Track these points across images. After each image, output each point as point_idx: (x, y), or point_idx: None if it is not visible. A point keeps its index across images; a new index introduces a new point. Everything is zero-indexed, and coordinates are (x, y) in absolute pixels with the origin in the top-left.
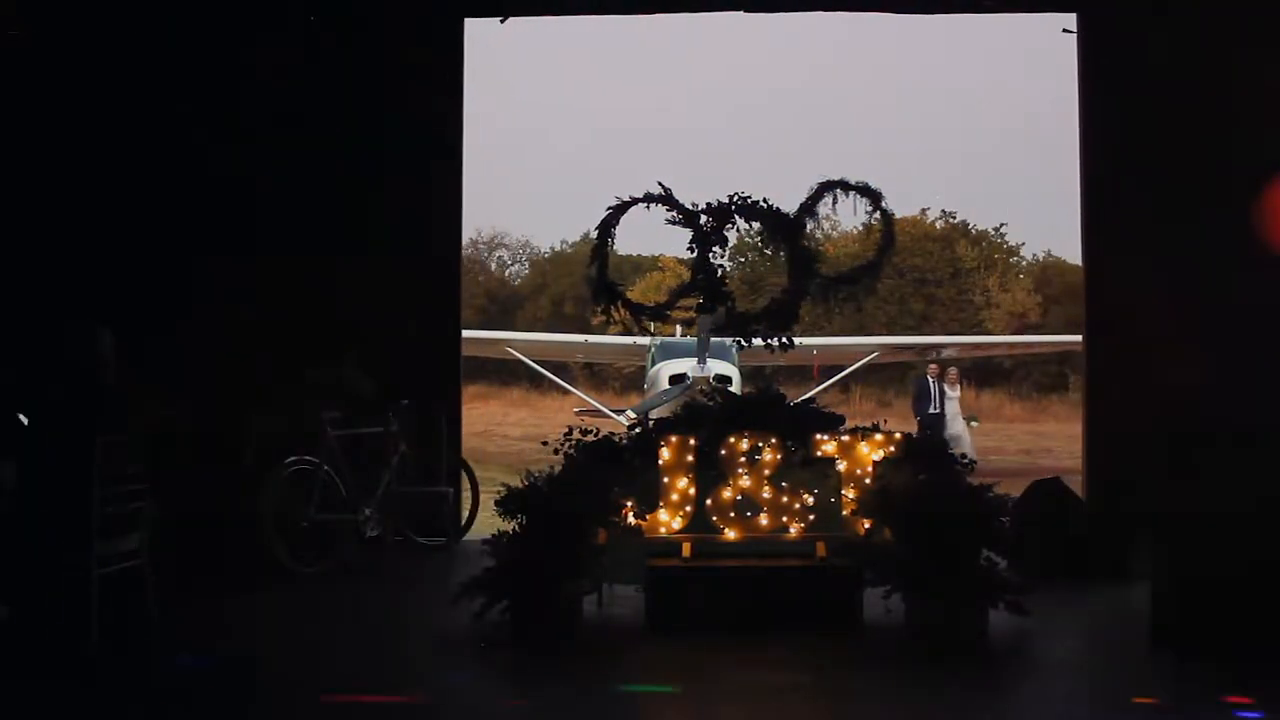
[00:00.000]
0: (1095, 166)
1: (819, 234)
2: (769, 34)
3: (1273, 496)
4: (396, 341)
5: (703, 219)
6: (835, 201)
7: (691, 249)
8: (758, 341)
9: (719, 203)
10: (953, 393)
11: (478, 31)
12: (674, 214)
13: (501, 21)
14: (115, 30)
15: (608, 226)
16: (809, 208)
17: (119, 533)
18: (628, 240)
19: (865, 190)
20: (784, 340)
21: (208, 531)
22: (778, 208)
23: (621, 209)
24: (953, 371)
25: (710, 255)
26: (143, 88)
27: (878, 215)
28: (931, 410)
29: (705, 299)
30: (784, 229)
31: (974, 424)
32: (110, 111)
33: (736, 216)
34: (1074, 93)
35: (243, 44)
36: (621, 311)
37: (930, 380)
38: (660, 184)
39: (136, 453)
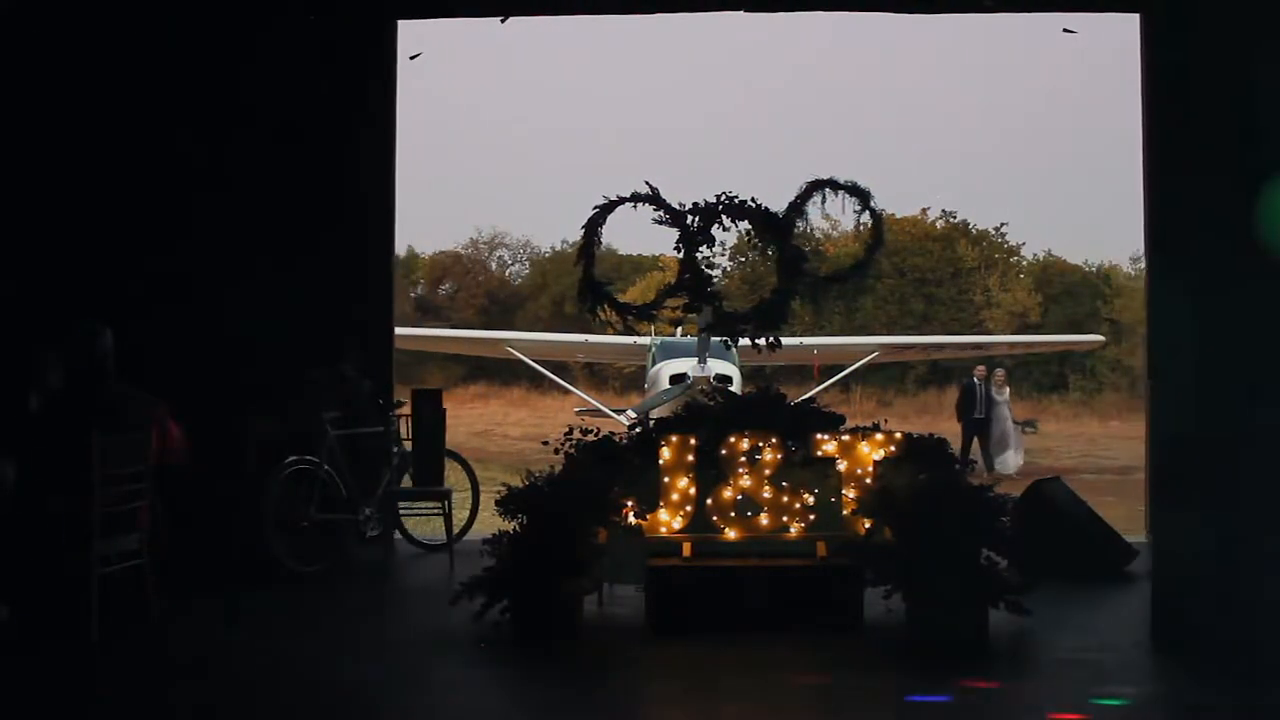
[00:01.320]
0: (1158, 170)
1: (818, 234)
2: (768, 33)
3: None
4: (328, 338)
5: (690, 219)
6: (824, 201)
7: (678, 248)
8: (745, 341)
9: (706, 202)
10: (1000, 396)
11: (477, 32)
12: (661, 213)
13: (502, 21)
14: (77, 31)
15: (594, 226)
16: (798, 207)
17: (119, 532)
18: (629, 240)
19: (854, 189)
20: (772, 340)
21: (208, 531)
22: (765, 207)
23: (608, 209)
24: (1000, 372)
25: (697, 255)
26: (127, 86)
27: (866, 215)
28: (977, 415)
29: (692, 299)
30: (772, 228)
31: (1030, 429)
32: (91, 110)
33: (724, 216)
34: (1073, 91)
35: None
36: (608, 311)
37: (977, 383)
38: (648, 183)
39: (137, 452)
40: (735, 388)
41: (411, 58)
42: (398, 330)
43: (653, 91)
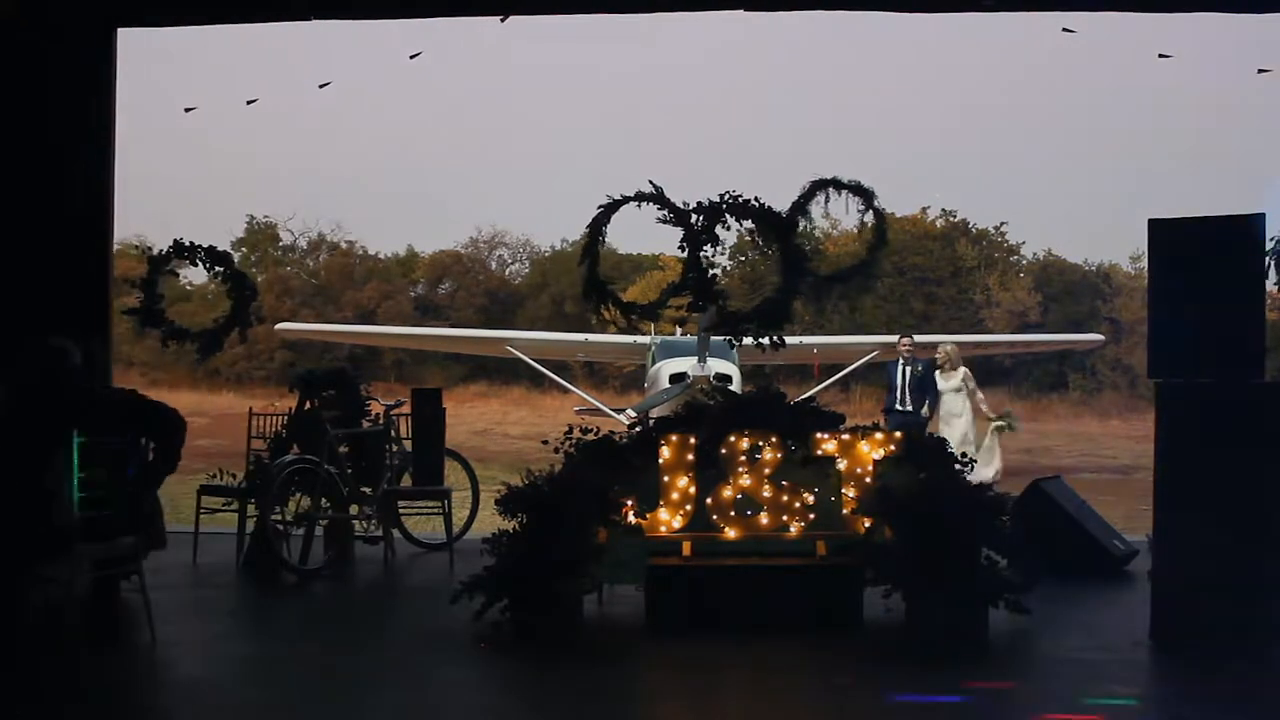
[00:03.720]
0: None
1: (819, 233)
2: (768, 32)
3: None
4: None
5: (694, 218)
6: (827, 200)
7: (682, 248)
8: (749, 340)
9: (710, 201)
10: (947, 383)
11: (479, 33)
12: (665, 213)
13: (502, 20)
14: None
15: (598, 225)
16: (801, 206)
17: (107, 537)
18: (629, 239)
19: (857, 189)
20: (775, 339)
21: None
22: (769, 206)
23: (612, 208)
24: (945, 349)
25: (702, 254)
26: None
27: (870, 214)
28: (899, 407)
29: (696, 298)
30: (775, 228)
31: (1006, 426)
32: None
33: (727, 215)
34: (1073, 90)
35: None
36: (612, 310)
37: (901, 365)
38: (651, 182)
39: (109, 459)
40: (735, 387)
41: (411, 57)
42: (398, 330)
43: (652, 90)
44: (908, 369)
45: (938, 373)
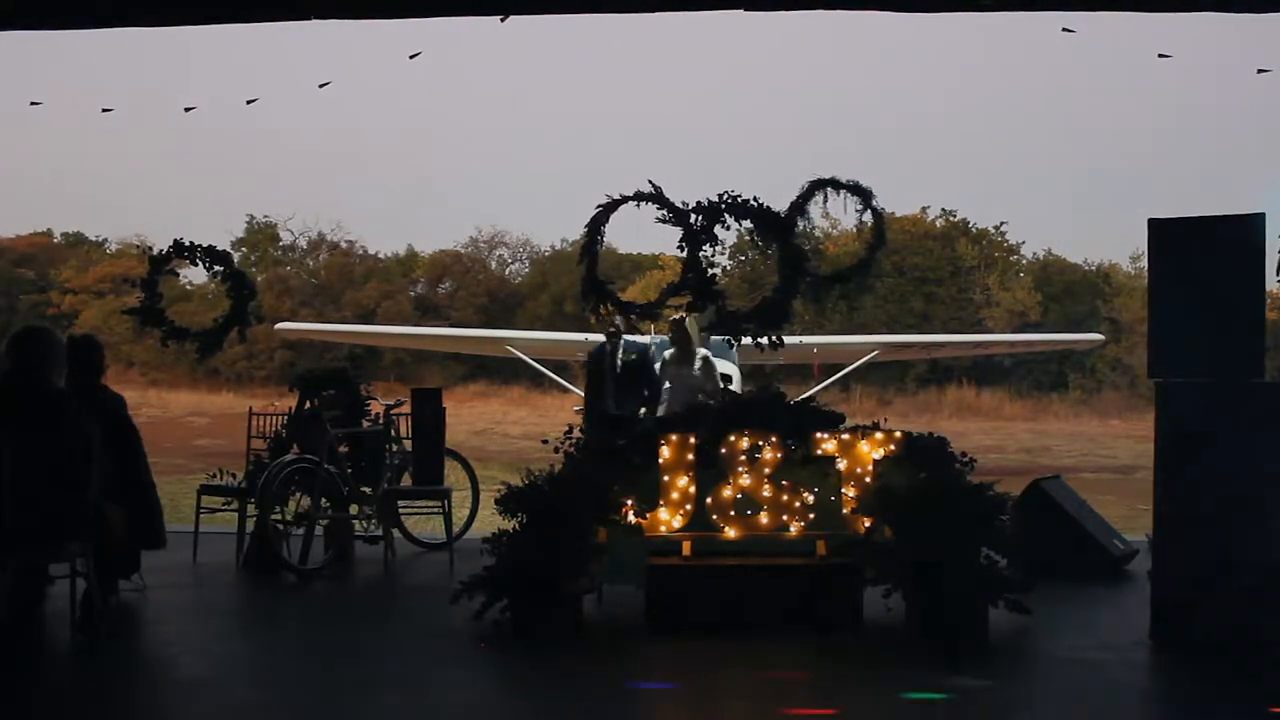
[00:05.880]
0: None
1: (818, 233)
2: (768, 32)
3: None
4: None
5: (693, 217)
6: (826, 200)
7: (681, 248)
8: (748, 340)
9: (709, 201)
10: (684, 369)
11: (479, 33)
12: (664, 212)
13: (501, 20)
14: None
15: (597, 225)
16: (800, 206)
17: (39, 541)
18: (629, 238)
19: (856, 189)
20: (774, 339)
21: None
22: (768, 206)
23: (611, 207)
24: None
25: (701, 254)
26: None
27: (868, 214)
28: (612, 410)
29: (695, 298)
30: (774, 227)
31: None
32: None
33: (726, 215)
34: (1073, 90)
35: None
36: (611, 310)
37: (607, 352)
38: (651, 182)
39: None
40: (735, 387)
41: (411, 57)
42: (398, 330)
43: (652, 91)
44: (617, 357)
45: (666, 355)
